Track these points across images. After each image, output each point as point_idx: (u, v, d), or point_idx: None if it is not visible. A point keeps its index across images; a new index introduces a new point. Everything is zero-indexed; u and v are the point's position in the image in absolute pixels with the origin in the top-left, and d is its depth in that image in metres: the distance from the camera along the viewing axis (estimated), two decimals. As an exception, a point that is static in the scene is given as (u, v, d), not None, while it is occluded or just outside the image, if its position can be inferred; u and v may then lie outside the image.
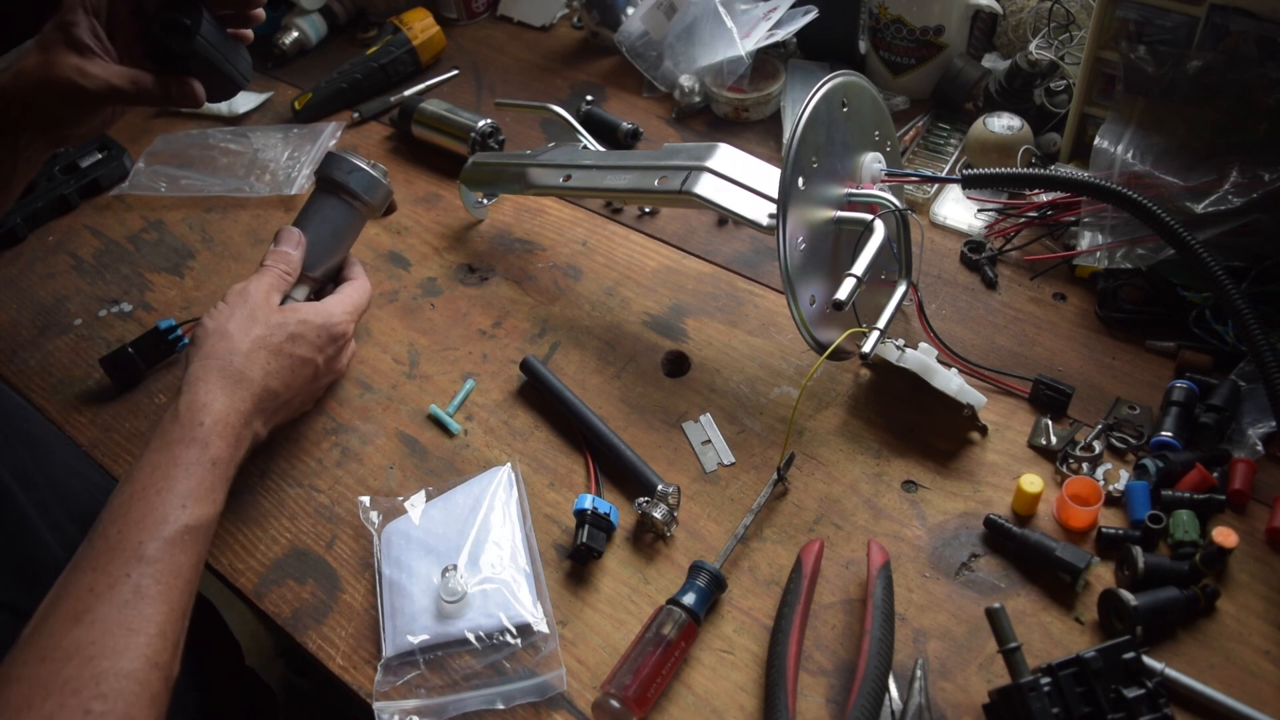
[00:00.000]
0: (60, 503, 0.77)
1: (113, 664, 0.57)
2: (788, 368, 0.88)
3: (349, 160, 0.89)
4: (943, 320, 0.90)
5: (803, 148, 0.74)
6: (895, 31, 1.10)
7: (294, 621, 0.73)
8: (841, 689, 0.67)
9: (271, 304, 0.80)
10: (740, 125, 1.15)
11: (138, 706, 0.57)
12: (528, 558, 0.74)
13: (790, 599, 0.69)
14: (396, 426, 0.86)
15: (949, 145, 1.07)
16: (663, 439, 0.83)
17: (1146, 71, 0.84)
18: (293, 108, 1.22)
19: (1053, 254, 0.93)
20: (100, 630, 0.58)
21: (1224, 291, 0.73)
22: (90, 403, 0.90)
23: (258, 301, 0.79)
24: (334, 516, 0.80)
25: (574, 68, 1.28)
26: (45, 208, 1.09)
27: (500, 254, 1.02)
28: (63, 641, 0.57)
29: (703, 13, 1.16)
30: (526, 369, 0.88)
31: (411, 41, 1.25)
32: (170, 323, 0.90)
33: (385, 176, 0.91)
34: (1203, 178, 0.80)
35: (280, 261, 0.83)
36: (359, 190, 0.89)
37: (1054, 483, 0.77)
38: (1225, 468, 0.74)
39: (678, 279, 0.97)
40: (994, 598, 0.70)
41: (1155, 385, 0.82)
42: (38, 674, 0.56)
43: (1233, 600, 0.68)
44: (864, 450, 0.81)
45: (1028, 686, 0.59)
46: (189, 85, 0.78)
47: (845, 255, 0.79)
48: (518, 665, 0.69)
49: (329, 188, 0.89)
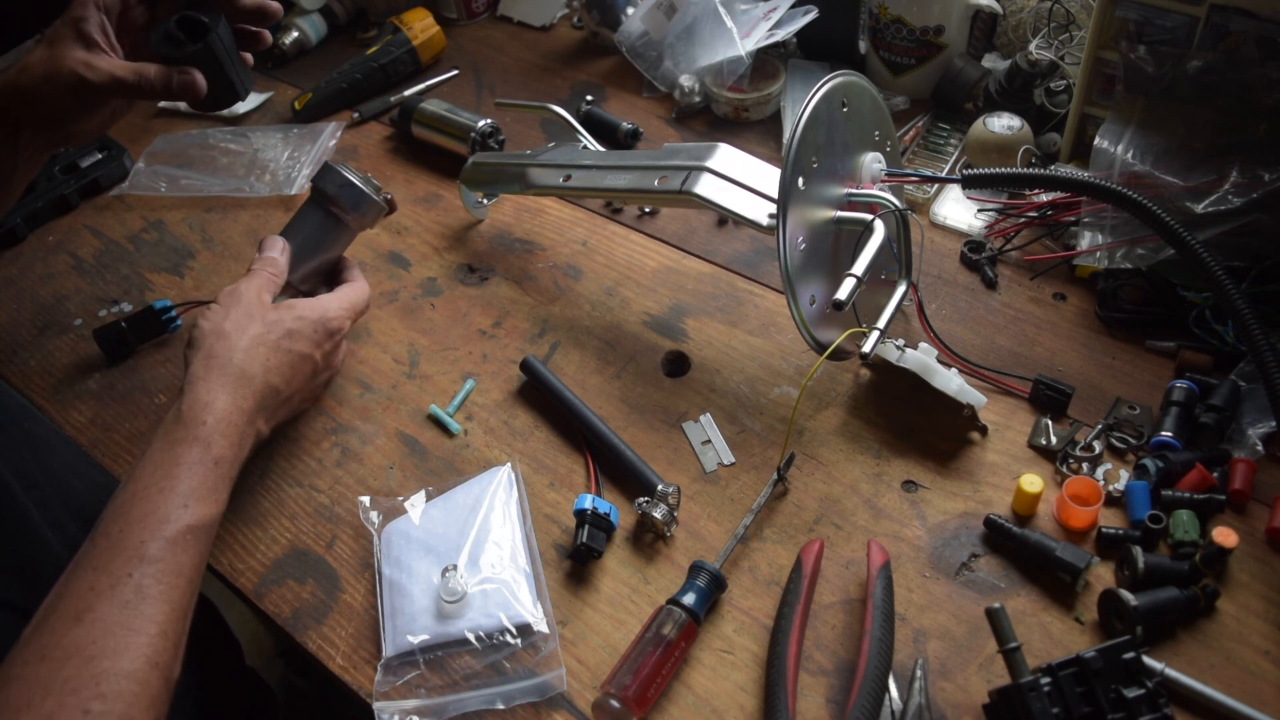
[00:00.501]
0: (61, 501, 0.77)
1: (113, 664, 0.57)
2: (788, 368, 0.88)
3: (341, 174, 0.89)
4: (943, 320, 0.90)
5: (803, 148, 0.74)
6: (895, 31, 1.10)
7: (294, 621, 0.73)
8: (841, 689, 0.67)
9: (264, 302, 0.80)
10: (740, 125, 1.15)
11: (137, 707, 0.56)
12: (528, 558, 0.74)
13: (790, 599, 0.69)
14: (396, 426, 0.86)
15: (949, 145, 1.07)
16: (663, 439, 0.83)
17: (1146, 71, 0.84)
18: (293, 108, 1.22)
19: (1053, 254, 0.93)
20: (101, 630, 0.58)
21: (1224, 291, 0.73)
22: (90, 403, 0.90)
23: (251, 300, 0.79)
24: (334, 516, 0.80)
25: (574, 68, 1.28)
26: (45, 208, 1.09)
27: (500, 254, 1.02)
28: (63, 640, 0.57)
29: (703, 13, 1.16)
30: (526, 369, 0.88)
31: (411, 41, 1.25)
32: (165, 303, 0.93)
33: (378, 193, 0.91)
34: (1203, 178, 0.80)
35: (267, 266, 0.84)
36: (346, 204, 0.89)
37: (1054, 483, 0.77)
38: (1225, 468, 0.74)
39: (678, 279, 0.97)
40: (994, 598, 0.70)
41: (1155, 385, 0.82)
42: (37, 673, 0.56)
43: (1233, 600, 0.68)
44: (864, 450, 0.81)
45: (1028, 686, 0.59)
46: (191, 76, 0.78)
47: (845, 255, 0.79)
48: (518, 665, 0.69)
49: (318, 198, 0.90)
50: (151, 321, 0.93)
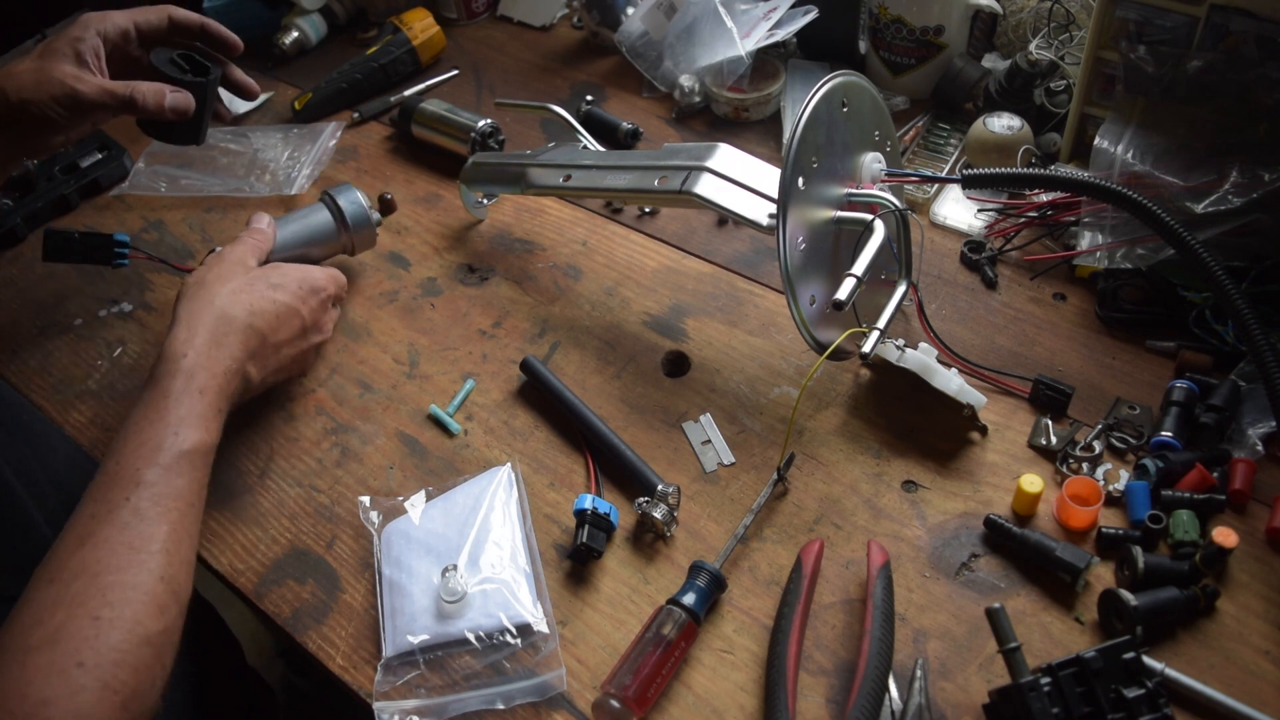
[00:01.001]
0: (60, 496, 0.77)
1: (118, 578, 0.59)
2: (788, 368, 0.88)
3: (356, 193, 0.96)
4: (943, 320, 0.90)
5: (803, 148, 0.74)
6: (895, 31, 1.10)
7: (294, 621, 0.73)
8: (841, 689, 0.67)
9: (248, 264, 0.83)
10: (740, 125, 1.15)
11: (145, 611, 0.59)
12: (528, 558, 0.74)
13: (790, 599, 0.69)
14: (396, 426, 0.86)
15: (949, 145, 1.07)
16: (663, 439, 0.83)
17: (1146, 71, 0.84)
18: (293, 108, 1.21)
19: (1053, 254, 0.93)
20: (105, 550, 0.61)
21: (1224, 291, 0.73)
22: (90, 403, 0.90)
23: (234, 260, 0.82)
24: (334, 516, 0.80)
25: (574, 68, 1.28)
26: (45, 208, 1.09)
27: (500, 254, 1.02)
28: (69, 563, 0.60)
29: (703, 13, 1.16)
30: (526, 369, 0.88)
31: (411, 41, 1.25)
32: (124, 237, 0.93)
33: (378, 225, 0.97)
34: (1203, 178, 0.80)
35: (254, 235, 0.88)
36: (347, 214, 0.95)
37: (1054, 483, 0.77)
38: (1225, 468, 0.74)
39: (678, 279, 0.97)
40: (994, 598, 0.70)
41: (1155, 385, 0.82)
42: (46, 594, 0.58)
43: (1233, 600, 0.69)
44: (864, 450, 0.81)
45: (1028, 686, 0.59)
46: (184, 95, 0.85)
47: (845, 255, 0.79)
48: (518, 665, 0.69)
49: (327, 200, 0.95)
50: (104, 246, 0.92)
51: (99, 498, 0.64)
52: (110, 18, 0.85)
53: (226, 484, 0.82)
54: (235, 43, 0.91)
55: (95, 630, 0.56)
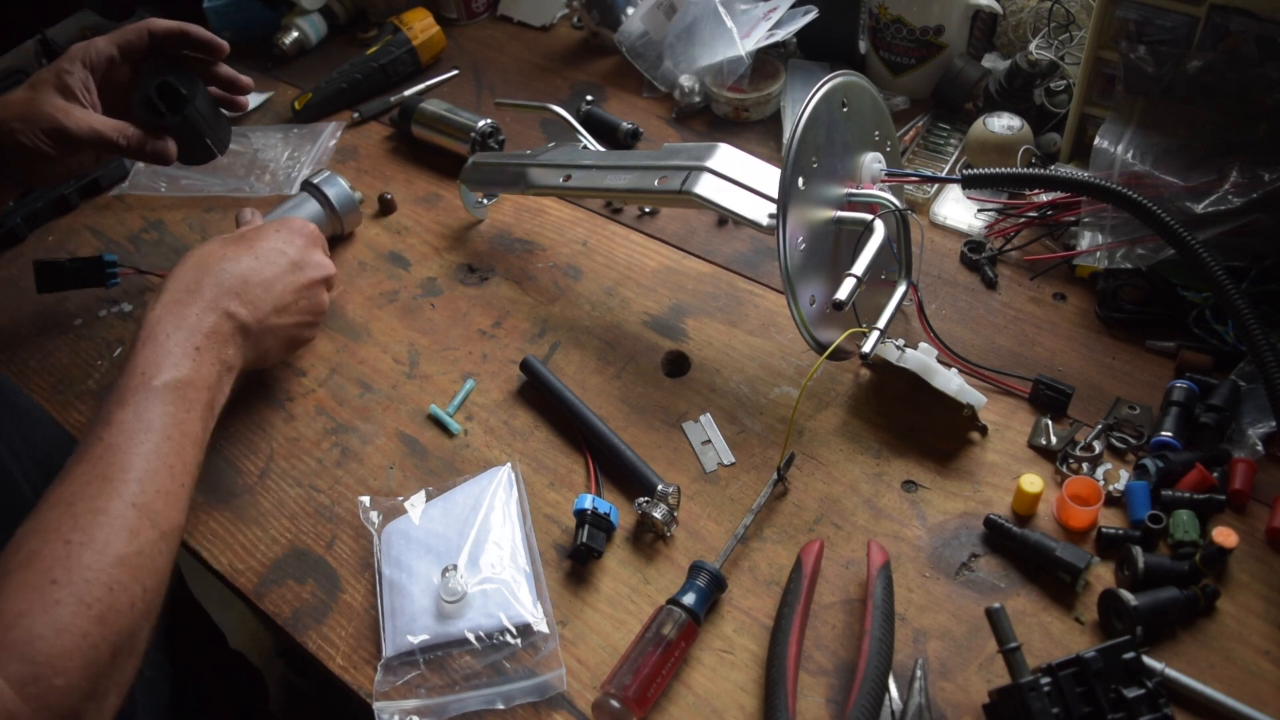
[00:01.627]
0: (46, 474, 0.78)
1: (89, 504, 0.61)
2: (788, 368, 0.88)
3: (335, 177, 1.01)
4: (943, 320, 0.90)
5: (803, 148, 0.74)
6: (895, 31, 1.10)
7: (294, 621, 0.73)
8: (841, 689, 0.67)
9: None
10: (740, 125, 1.15)
11: (116, 535, 0.61)
12: (528, 558, 0.74)
13: (790, 599, 0.69)
14: (396, 426, 0.86)
15: (949, 145, 1.07)
16: (663, 439, 0.83)
17: (1146, 71, 0.84)
18: (293, 108, 1.21)
19: (1053, 254, 0.93)
20: (79, 483, 0.63)
21: (1224, 291, 0.73)
22: (90, 403, 0.90)
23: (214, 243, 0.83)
24: (334, 516, 0.80)
25: (574, 68, 1.28)
26: (45, 208, 1.09)
27: (500, 254, 1.02)
28: (48, 498, 0.62)
29: (703, 13, 1.16)
30: (526, 369, 0.88)
31: (411, 41, 1.25)
32: (113, 257, 0.95)
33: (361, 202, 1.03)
34: (1203, 178, 0.80)
35: None
36: (331, 198, 0.99)
37: (1054, 483, 0.77)
38: (1225, 468, 0.74)
39: (678, 279, 0.97)
40: (994, 598, 0.70)
41: (1155, 385, 0.82)
42: (25, 527, 0.61)
43: (1233, 600, 0.69)
44: (864, 450, 0.81)
45: (1028, 686, 0.59)
46: (163, 145, 0.84)
47: (845, 255, 0.79)
48: (518, 665, 0.69)
49: (310, 189, 1.00)
50: (95, 268, 0.94)
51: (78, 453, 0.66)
52: (94, 46, 0.84)
53: (226, 484, 0.82)
54: (219, 45, 0.89)
55: (67, 552, 0.58)
